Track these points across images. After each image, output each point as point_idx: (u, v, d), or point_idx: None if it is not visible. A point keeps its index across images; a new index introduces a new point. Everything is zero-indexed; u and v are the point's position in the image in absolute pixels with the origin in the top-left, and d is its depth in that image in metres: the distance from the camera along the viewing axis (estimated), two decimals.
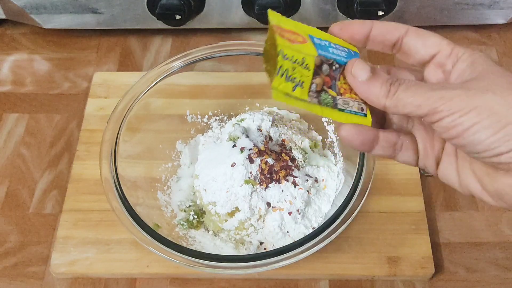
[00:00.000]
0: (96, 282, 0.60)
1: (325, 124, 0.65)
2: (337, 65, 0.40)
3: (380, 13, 0.71)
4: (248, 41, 0.66)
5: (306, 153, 0.62)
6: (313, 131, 0.67)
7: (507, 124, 0.34)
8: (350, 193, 0.54)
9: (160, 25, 0.75)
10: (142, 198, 0.59)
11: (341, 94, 0.40)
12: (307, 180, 0.59)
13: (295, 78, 0.40)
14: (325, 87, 0.40)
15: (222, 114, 0.69)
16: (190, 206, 0.62)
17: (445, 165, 0.40)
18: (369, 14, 0.71)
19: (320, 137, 0.66)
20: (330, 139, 0.65)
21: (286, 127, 0.63)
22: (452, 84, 0.37)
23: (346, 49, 0.41)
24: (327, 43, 0.41)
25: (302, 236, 0.55)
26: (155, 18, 0.73)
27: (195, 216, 0.61)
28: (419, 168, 0.65)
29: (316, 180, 0.61)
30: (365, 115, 0.40)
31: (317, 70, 0.40)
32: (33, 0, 0.73)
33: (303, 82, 0.40)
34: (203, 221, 0.61)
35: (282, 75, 0.39)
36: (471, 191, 0.38)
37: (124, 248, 0.60)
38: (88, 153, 0.67)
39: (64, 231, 0.61)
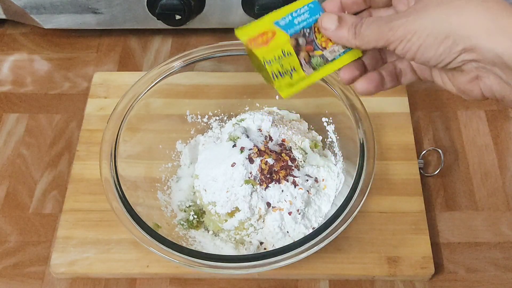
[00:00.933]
0: (96, 282, 0.60)
1: (325, 124, 0.65)
2: (307, 30, 0.46)
3: None
4: None
5: (306, 153, 0.62)
6: (313, 131, 0.67)
7: (443, 39, 0.39)
8: (350, 193, 0.54)
9: (160, 25, 0.75)
10: (142, 198, 0.59)
11: (325, 48, 0.46)
12: (307, 180, 0.59)
13: (286, 69, 0.46)
14: (311, 54, 0.46)
15: (222, 114, 0.69)
16: (190, 206, 0.62)
17: (434, 73, 0.46)
18: None
19: (320, 137, 0.66)
20: (330, 139, 0.65)
21: (286, 127, 0.63)
22: (400, 13, 0.42)
23: (306, 7, 0.46)
24: (290, 17, 0.46)
25: (302, 236, 0.55)
26: (155, 18, 0.73)
27: (195, 216, 0.61)
28: (419, 168, 0.65)
29: (316, 180, 0.61)
30: (351, 48, 0.46)
31: (297, 48, 0.46)
32: (33, 0, 0.73)
33: (293, 66, 0.46)
34: (203, 221, 0.61)
35: (276, 76, 0.46)
36: (450, 90, 0.45)
37: (124, 248, 0.60)
38: (88, 153, 0.67)
39: (64, 231, 0.61)
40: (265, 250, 0.58)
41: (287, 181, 0.58)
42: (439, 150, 0.68)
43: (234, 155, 0.58)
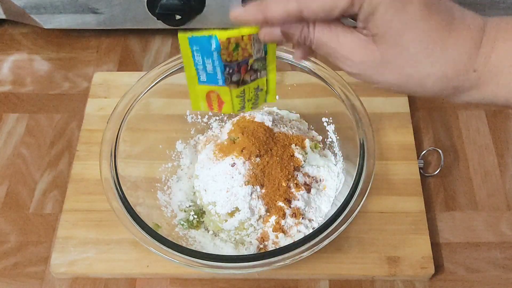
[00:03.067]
0: (96, 282, 0.60)
1: (325, 124, 0.65)
2: (227, 68, 0.43)
3: None
4: None
5: (306, 153, 0.62)
6: (313, 131, 0.67)
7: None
8: (350, 193, 0.54)
9: (160, 25, 0.75)
10: (142, 198, 0.59)
11: (250, 54, 0.43)
12: (307, 180, 0.59)
13: (254, 94, 0.47)
14: (250, 67, 0.44)
15: (222, 114, 0.69)
16: (190, 206, 0.62)
17: None
18: None
19: (320, 137, 0.66)
20: (330, 139, 0.65)
21: (286, 127, 0.63)
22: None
23: (196, 53, 0.43)
24: (202, 71, 0.44)
25: (302, 236, 0.55)
26: (155, 18, 0.73)
27: (195, 216, 0.61)
28: (419, 168, 0.65)
29: (316, 180, 0.61)
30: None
31: (239, 82, 0.45)
32: (33, 0, 0.73)
33: (257, 87, 0.47)
34: (203, 221, 0.61)
35: (256, 102, 0.48)
36: None
37: (124, 248, 0.60)
38: (88, 153, 0.67)
39: (64, 231, 0.61)
40: (265, 250, 0.58)
41: (288, 181, 0.58)
42: (439, 150, 0.68)
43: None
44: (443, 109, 0.73)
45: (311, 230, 0.57)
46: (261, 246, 0.58)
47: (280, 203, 0.57)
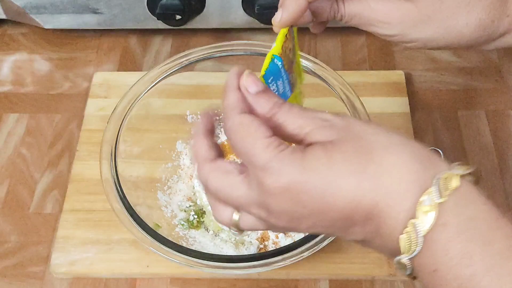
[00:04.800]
0: (96, 282, 0.60)
1: None
2: (288, 77, 0.44)
3: None
4: (248, 41, 0.66)
5: None
6: None
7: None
8: None
9: (160, 25, 0.75)
10: (142, 198, 0.59)
11: (290, 50, 0.43)
12: None
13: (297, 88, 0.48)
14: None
15: (222, 114, 0.69)
16: (190, 206, 0.62)
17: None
18: None
19: None
20: None
21: None
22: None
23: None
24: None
25: (302, 236, 0.55)
26: (155, 18, 0.73)
27: (195, 216, 0.61)
28: None
29: None
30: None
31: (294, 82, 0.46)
32: (33, 0, 0.73)
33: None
34: (203, 221, 0.61)
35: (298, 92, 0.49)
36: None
37: (124, 248, 0.60)
38: (88, 153, 0.67)
39: (64, 231, 0.61)
40: (265, 250, 0.58)
41: None
42: (439, 150, 0.68)
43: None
44: (443, 109, 0.73)
45: None
46: (261, 246, 0.58)
47: None
